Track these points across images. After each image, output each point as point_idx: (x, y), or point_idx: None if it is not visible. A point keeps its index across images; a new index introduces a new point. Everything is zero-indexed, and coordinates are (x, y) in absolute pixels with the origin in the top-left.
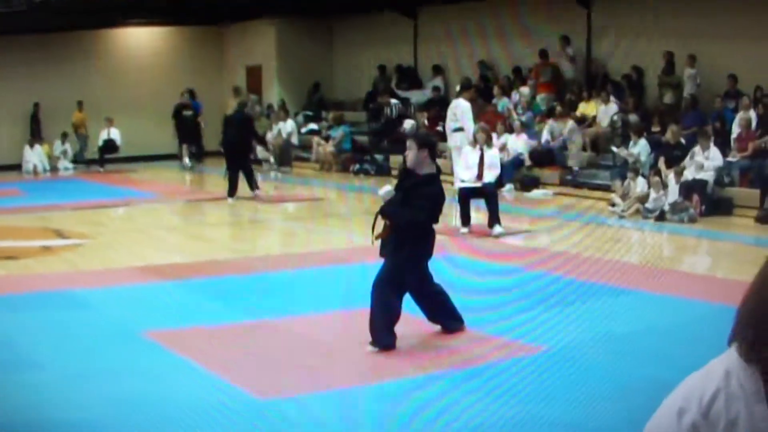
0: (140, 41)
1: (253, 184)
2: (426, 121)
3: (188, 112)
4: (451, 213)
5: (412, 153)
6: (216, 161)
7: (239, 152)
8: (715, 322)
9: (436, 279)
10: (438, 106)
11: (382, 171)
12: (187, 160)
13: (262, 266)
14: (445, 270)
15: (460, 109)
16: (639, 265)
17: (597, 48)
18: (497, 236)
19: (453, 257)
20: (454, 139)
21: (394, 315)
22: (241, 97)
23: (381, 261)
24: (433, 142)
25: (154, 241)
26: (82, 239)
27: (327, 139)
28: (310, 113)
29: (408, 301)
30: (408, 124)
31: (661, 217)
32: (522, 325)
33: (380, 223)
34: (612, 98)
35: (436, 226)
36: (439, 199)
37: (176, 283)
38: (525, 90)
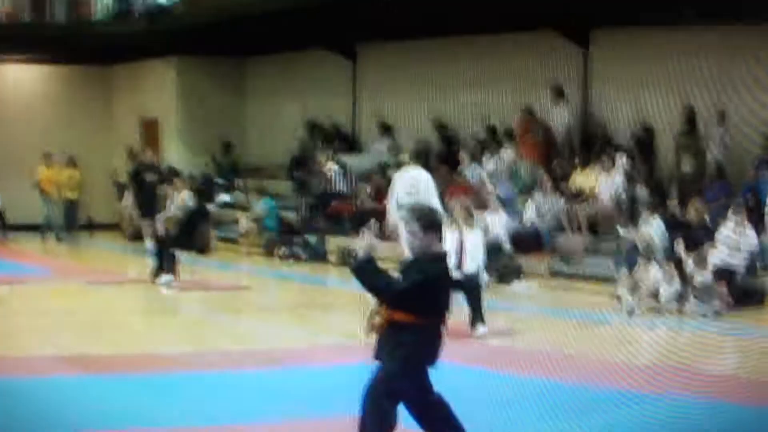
0: (9, 81)
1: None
2: (370, 195)
3: None
4: None
5: (417, 239)
6: (106, 234)
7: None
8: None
9: None
10: (384, 175)
11: (317, 256)
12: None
13: (200, 363)
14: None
15: (423, 183)
16: (656, 367)
17: (597, 99)
18: (480, 337)
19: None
20: None
21: (388, 426)
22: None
23: (362, 360)
24: (439, 222)
25: (66, 327)
26: None
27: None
28: (221, 182)
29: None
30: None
31: (679, 311)
32: None
33: (375, 320)
34: (618, 165)
35: None
36: (438, 278)
37: (104, 378)
38: (507, 153)
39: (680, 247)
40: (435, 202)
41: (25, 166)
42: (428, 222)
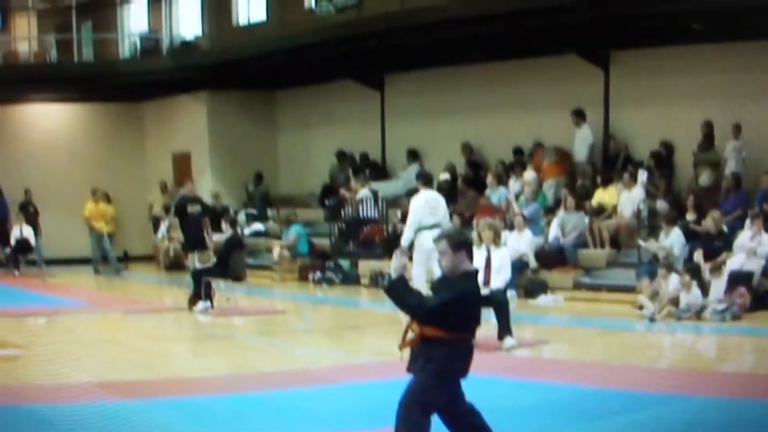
0: (43, 120)
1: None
2: (400, 219)
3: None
4: None
5: (447, 258)
6: (141, 266)
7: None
8: None
9: None
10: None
11: (350, 280)
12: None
13: (238, 385)
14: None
15: (442, 205)
16: (679, 370)
17: (616, 120)
18: (509, 349)
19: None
20: (426, 238)
21: None
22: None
23: (397, 376)
24: (469, 241)
25: (104, 356)
26: (16, 349)
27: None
28: (253, 212)
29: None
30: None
31: (698, 316)
32: None
33: (411, 334)
34: (638, 180)
35: None
36: (466, 295)
37: (145, 402)
38: (529, 176)
39: (699, 256)
40: (448, 222)
41: (61, 202)
42: (458, 242)
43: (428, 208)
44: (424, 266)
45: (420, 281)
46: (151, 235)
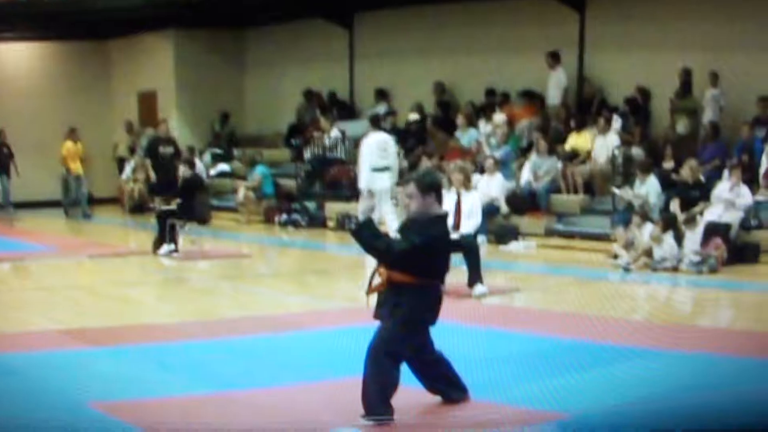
0: (6, 59)
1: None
2: None
3: None
4: None
5: (415, 201)
6: (106, 209)
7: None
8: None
9: None
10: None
11: (316, 222)
12: None
13: (207, 332)
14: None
15: (392, 146)
16: (655, 323)
17: (592, 64)
18: (479, 297)
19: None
20: (382, 181)
21: (391, 385)
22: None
23: (364, 323)
24: (438, 183)
25: (68, 302)
26: None
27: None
28: (219, 151)
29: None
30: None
31: (674, 268)
32: (536, 393)
33: (377, 282)
34: (613, 127)
35: None
36: (436, 240)
37: (109, 350)
38: (499, 118)
39: (675, 206)
40: (397, 166)
41: (25, 142)
42: (426, 184)
43: (378, 150)
44: (376, 209)
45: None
46: (116, 176)
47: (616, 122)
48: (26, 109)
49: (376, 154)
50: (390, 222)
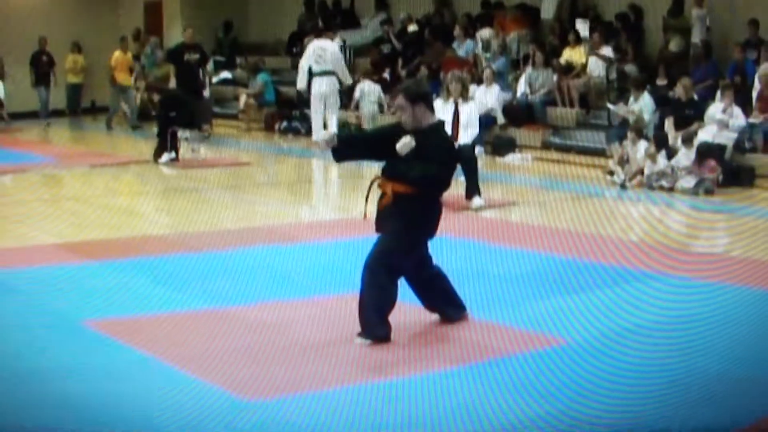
0: None
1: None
2: (371, 69)
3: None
4: None
5: (406, 113)
6: (103, 117)
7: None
8: (754, 306)
9: None
10: (380, 51)
11: None
12: None
13: (205, 244)
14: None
15: (330, 53)
16: (652, 245)
17: None
18: (477, 209)
19: None
20: (319, 85)
21: (388, 302)
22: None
23: (362, 236)
24: (426, 91)
25: (68, 215)
26: None
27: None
28: (221, 59)
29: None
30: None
31: (670, 188)
32: (535, 314)
33: (375, 192)
34: (606, 44)
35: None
36: (453, 152)
37: (109, 264)
38: (485, 32)
39: (669, 124)
40: (342, 71)
41: (27, 55)
42: (415, 94)
43: (315, 56)
44: (320, 109)
45: (318, 125)
46: None
47: (606, 50)
48: (30, 20)
49: (313, 59)
50: (331, 124)
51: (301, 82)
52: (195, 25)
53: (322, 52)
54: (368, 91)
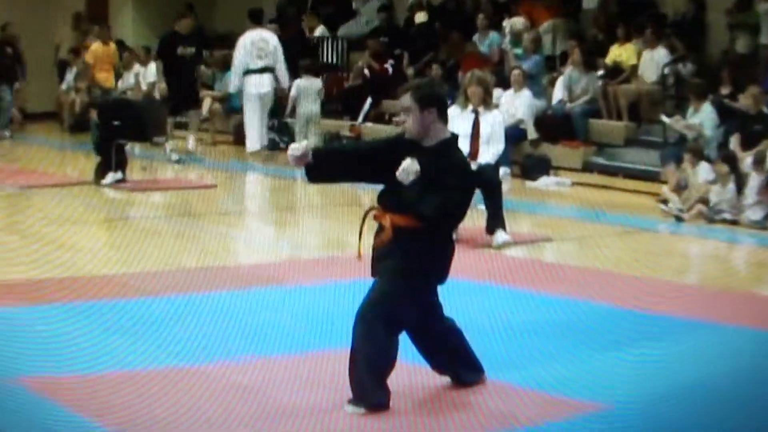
0: None
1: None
2: (371, 62)
3: None
4: None
5: (413, 117)
6: (42, 128)
7: None
8: None
9: None
10: (380, 42)
11: None
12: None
13: (161, 287)
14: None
15: (273, 47)
16: (712, 289)
17: None
18: (500, 247)
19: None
20: (259, 84)
21: (386, 362)
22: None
23: (355, 279)
24: (440, 95)
25: None
26: None
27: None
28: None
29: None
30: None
31: (734, 221)
32: (567, 374)
33: (371, 225)
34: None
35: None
36: (471, 175)
37: (43, 309)
38: (516, 22)
39: (736, 142)
40: (283, 69)
41: None
42: (427, 95)
43: (255, 49)
44: (257, 114)
45: (253, 130)
46: (55, 85)
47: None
48: None
49: (253, 53)
50: (251, 134)
51: (234, 86)
52: (150, 10)
53: (264, 44)
54: (306, 87)
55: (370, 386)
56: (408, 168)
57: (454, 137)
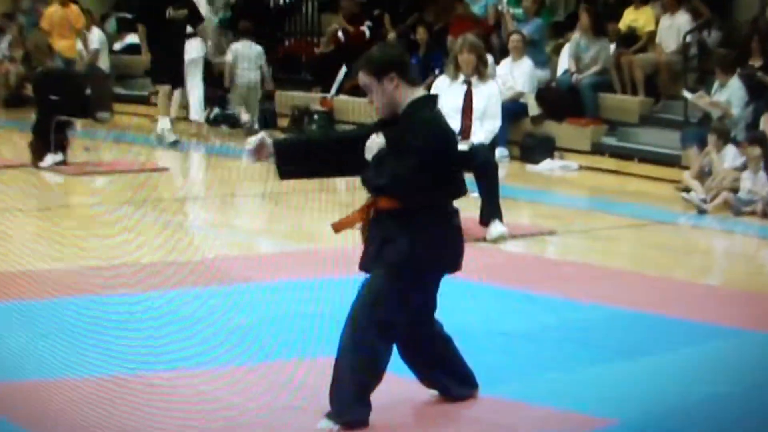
0: None
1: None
2: (346, 26)
3: None
4: None
5: (375, 94)
6: None
7: None
8: None
9: None
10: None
11: (262, 120)
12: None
13: (108, 284)
14: None
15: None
16: (736, 291)
17: None
18: (496, 240)
19: None
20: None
21: (374, 374)
22: None
23: (334, 275)
24: (397, 55)
25: None
26: None
27: None
28: (128, 16)
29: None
30: None
31: (765, 212)
32: (572, 387)
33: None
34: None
35: None
36: (441, 137)
37: None
38: None
39: (767, 122)
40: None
41: None
42: (379, 62)
43: None
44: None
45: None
46: None
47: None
48: None
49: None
50: (193, 102)
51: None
52: None
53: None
54: (243, 52)
55: (349, 400)
56: (370, 144)
57: (427, 96)
